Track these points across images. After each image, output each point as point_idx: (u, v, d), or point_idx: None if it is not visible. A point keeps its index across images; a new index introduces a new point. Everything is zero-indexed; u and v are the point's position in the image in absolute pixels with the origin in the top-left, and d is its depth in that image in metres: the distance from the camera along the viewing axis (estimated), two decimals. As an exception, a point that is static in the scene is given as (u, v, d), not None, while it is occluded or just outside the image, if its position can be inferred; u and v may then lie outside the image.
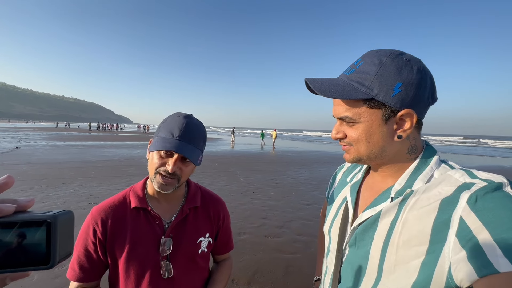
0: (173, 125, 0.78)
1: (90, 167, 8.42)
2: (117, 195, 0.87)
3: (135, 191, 0.86)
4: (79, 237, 0.82)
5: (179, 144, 0.75)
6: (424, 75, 0.52)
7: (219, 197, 1.02)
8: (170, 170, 0.75)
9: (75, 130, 43.70)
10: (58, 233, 0.31)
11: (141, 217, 0.82)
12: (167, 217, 0.85)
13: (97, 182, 6.35)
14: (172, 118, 0.80)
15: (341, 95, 0.54)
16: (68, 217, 0.33)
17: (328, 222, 0.74)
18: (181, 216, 0.86)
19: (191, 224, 0.88)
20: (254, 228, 3.93)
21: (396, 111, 0.53)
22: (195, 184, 0.98)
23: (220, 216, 0.97)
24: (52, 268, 0.31)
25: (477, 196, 0.45)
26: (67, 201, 4.79)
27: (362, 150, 0.58)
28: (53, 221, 0.30)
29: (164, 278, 0.81)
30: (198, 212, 0.91)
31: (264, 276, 2.69)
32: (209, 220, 0.93)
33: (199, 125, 0.82)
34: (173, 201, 0.88)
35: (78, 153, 11.79)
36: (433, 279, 0.47)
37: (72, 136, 25.52)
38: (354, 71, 0.56)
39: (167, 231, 0.83)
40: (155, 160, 0.77)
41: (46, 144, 15.43)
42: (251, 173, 8.46)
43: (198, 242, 0.88)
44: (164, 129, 0.79)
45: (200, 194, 0.95)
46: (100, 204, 0.84)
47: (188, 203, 0.89)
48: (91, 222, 0.81)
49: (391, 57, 0.52)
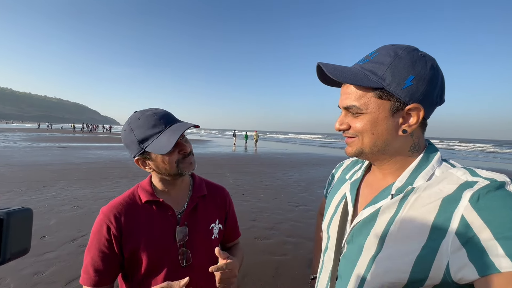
0: (149, 123, 0.78)
1: (73, 169, 8.12)
2: (124, 194, 0.88)
3: (142, 187, 0.88)
4: (91, 240, 0.80)
5: (178, 125, 0.79)
6: (436, 73, 0.52)
7: (221, 185, 1.07)
8: (189, 150, 0.83)
9: (58, 131, 42.19)
10: (10, 230, 0.31)
11: (153, 210, 0.85)
12: (178, 207, 0.89)
13: (80, 185, 6.12)
14: (143, 120, 0.78)
15: (352, 80, 0.53)
16: (24, 214, 0.34)
17: (326, 219, 0.74)
18: (192, 205, 0.90)
19: (202, 211, 0.92)
20: (243, 230, 3.88)
21: (405, 105, 0.52)
22: (197, 175, 1.03)
23: (226, 202, 1.03)
24: (1, 265, 0.31)
25: (479, 195, 0.45)
26: (48, 205, 4.59)
27: (366, 141, 0.57)
28: (5, 218, 0.30)
29: (183, 266, 0.83)
30: (206, 200, 0.95)
31: (254, 278, 2.66)
32: (217, 207, 0.98)
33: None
34: (181, 191, 0.91)
35: (60, 155, 11.36)
36: (430, 274, 0.47)
37: (55, 137, 24.64)
38: (368, 61, 0.56)
39: (182, 219, 0.86)
40: (170, 156, 0.79)
41: (26, 146, 14.80)
42: (240, 175, 8.42)
43: (210, 229, 0.92)
44: (146, 132, 0.77)
45: (205, 183, 1.00)
46: (109, 204, 0.84)
47: (196, 192, 0.93)
48: (104, 220, 0.80)
49: (407, 50, 0.53)
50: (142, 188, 0.87)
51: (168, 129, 0.78)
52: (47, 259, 2.84)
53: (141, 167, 0.84)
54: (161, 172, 0.83)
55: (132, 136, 0.78)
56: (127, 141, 0.80)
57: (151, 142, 0.77)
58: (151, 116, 0.79)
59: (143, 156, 0.81)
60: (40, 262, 2.79)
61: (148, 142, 0.77)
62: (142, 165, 0.83)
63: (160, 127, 0.78)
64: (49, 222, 3.84)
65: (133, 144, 0.79)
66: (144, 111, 0.81)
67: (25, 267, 2.68)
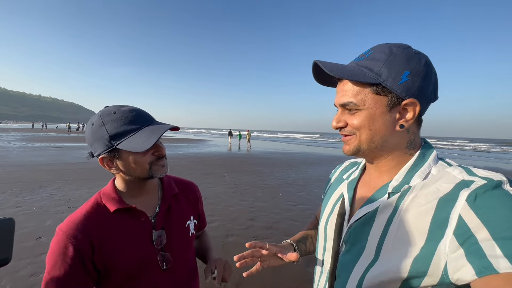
0: (126, 119, 0.73)
1: (69, 169, 8.05)
2: (84, 206, 0.78)
3: (107, 194, 0.80)
4: (51, 268, 0.69)
5: (158, 126, 0.76)
6: (430, 69, 0.54)
7: (190, 181, 1.05)
8: (164, 153, 0.80)
9: (52, 131, 41.76)
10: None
11: (124, 218, 0.78)
12: (150, 211, 0.84)
13: (77, 185, 6.08)
14: (119, 115, 0.73)
15: (350, 76, 0.54)
16: (4, 224, 0.33)
17: (323, 219, 0.73)
18: (165, 206, 0.86)
19: (176, 211, 0.89)
20: (242, 229, 3.90)
21: (401, 100, 0.53)
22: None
23: (198, 197, 1.03)
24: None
25: (476, 194, 0.45)
26: (44, 205, 4.54)
27: (363, 138, 0.57)
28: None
29: (164, 268, 0.81)
30: (178, 199, 0.93)
31: (253, 278, 2.66)
32: (190, 203, 0.97)
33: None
34: (150, 194, 0.86)
35: (56, 155, 11.24)
36: (427, 275, 0.47)
37: (50, 137, 24.37)
38: (363, 59, 0.57)
39: (157, 223, 0.82)
40: (143, 156, 0.75)
41: (21, 146, 14.63)
42: (238, 174, 8.41)
43: (186, 226, 0.91)
44: (120, 127, 0.72)
45: (173, 181, 0.97)
46: (67, 220, 0.74)
47: (167, 192, 0.89)
48: (68, 240, 0.70)
49: (401, 48, 0.54)
50: (107, 196, 0.79)
51: (147, 127, 0.74)
52: (44, 261, 2.78)
53: (105, 167, 0.76)
54: (129, 174, 0.77)
55: (103, 131, 0.71)
56: (94, 136, 0.73)
57: (126, 139, 0.71)
58: (128, 112, 0.74)
59: (111, 154, 0.74)
60: (36, 263, 2.76)
61: (121, 138, 0.71)
62: (107, 165, 0.76)
63: (137, 124, 0.74)
64: (45, 223, 3.80)
65: (101, 140, 0.72)
66: (120, 106, 0.76)
67: (21, 268, 2.65)
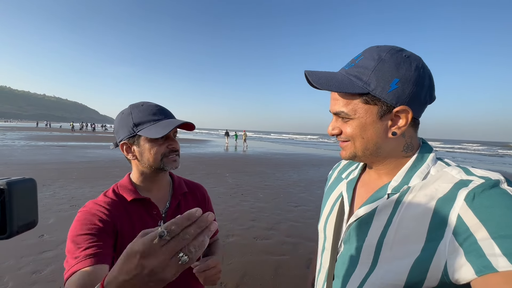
0: (151, 111, 0.82)
1: (72, 168, 8.09)
2: (105, 193, 0.84)
3: (123, 186, 0.86)
4: (74, 227, 0.72)
5: (175, 120, 0.83)
6: (422, 73, 0.52)
7: (199, 183, 1.09)
8: (177, 147, 0.85)
9: (56, 130, 42.06)
10: (14, 201, 0.28)
11: (140, 209, 0.84)
12: (161, 206, 0.89)
13: (79, 184, 6.10)
14: (145, 107, 0.83)
15: (337, 88, 0.54)
16: (28, 185, 0.31)
17: (322, 219, 0.73)
18: (175, 203, 0.91)
19: (184, 208, 0.93)
20: (242, 230, 3.90)
21: (392, 108, 0.52)
22: (175, 174, 1.04)
23: (206, 197, 1.06)
24: (9, 238, 0.28)
25: (474, 194, 0.45)
26: (47, 204, 4.57)
27: (357, 145, 0.58)
28: (7, 188, 0.28)
29: None
30: (187, 197, 0.98)
31: (253, 278, 2.66)
32: (198, 203, 1.01)
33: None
34: (162, 189, 0.92)
35: (59, 154, 11.32)
36: (427, 276, 0.47)
37: (53, 136, 24.54)
38: (353, 66, 0.56)
39: (167, 218, 0.87)
40: (158, 147, 0.81)
41: (25, 144, 14.74)
42: (239, 175, 8.41)
43: None
44: (144, 117, 0.80)
45: (183, 181, 1.02)
46: (91, 201, 0.80)
47: (177, 190, 0.94)
48: (95, 210, 0.76)
49: (391, 52, 0.52)
50: (124, 187, 0.85)
51: (166, 120, 0.83)
52: (46, 258, 2.83)
53: (124, 153, 0.84)
54: (142, 162, 0.82)
55: (129, 118, 0.81)
56: (121, 123, 0.82)
57: (146, 127, 0.80)
58: (153, 106, 0.84)
59: (131, 140, 0.81)
60: (39, 261, 2.78)
61: (142, 126, 0.80)
62: (126, 150, 0.83)
63: (159, 116, 0.82)
64: (48, 221, 3.83)
65: (127, 126, 0.81)
66: (147, 102, 0.86)
67: (23, 265, 2.67)
